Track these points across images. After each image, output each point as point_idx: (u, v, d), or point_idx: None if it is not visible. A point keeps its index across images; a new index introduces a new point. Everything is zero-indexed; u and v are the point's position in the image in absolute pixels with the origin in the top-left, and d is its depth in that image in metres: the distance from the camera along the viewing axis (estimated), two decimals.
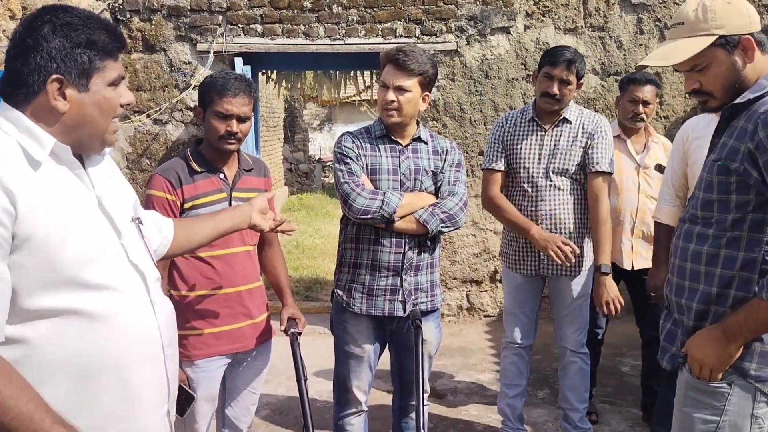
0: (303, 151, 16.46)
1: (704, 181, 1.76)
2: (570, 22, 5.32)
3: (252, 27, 5.30)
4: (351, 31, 5.28)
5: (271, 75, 7.34)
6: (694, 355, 1.74)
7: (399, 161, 2.55)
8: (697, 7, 1.68)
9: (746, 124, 1.67)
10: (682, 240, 1.81)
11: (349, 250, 2.59)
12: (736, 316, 1.67)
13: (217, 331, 2.35)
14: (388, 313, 2.55)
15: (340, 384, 2.68)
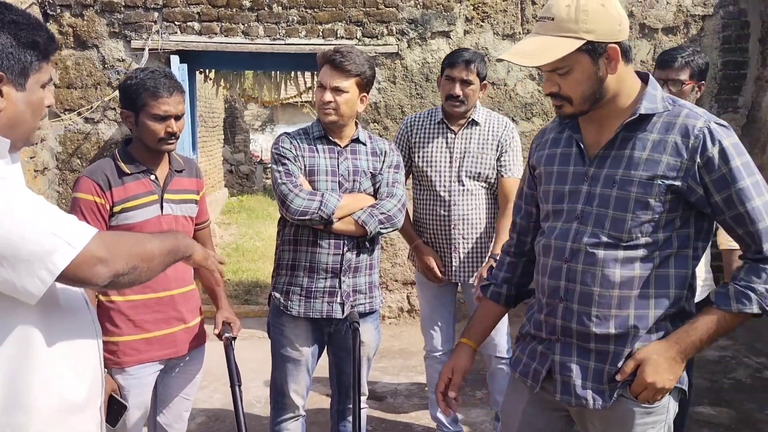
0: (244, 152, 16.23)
1: (625, 200, 1.61)
2: (508, 28, 5.40)
3: (189, 25, 5.18)
4: (291, 31, 5.23)
5: (209, 74, 7.20)
6: (655, 383, 1.60)
7: (337, 162, 2.53)
8: (571, 3, 1.55)
9: (674, 137, 1.59)
10: (602, 266, 1.63)
11: (286, 252, 2.55)
12: (693, 334, 1.60)
13: (149, 336, 2.28)
14: (326, 315, 2.53)
15: (277, 389, 2.64)
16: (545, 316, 1.75)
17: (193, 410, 3.91)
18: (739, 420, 3.76)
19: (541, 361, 1.78)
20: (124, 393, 2.24)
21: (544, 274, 1.75)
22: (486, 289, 1.97)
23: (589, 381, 1.69)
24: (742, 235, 1.60)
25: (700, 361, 4.53)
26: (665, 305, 1.65)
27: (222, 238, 10.01)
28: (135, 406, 2.25)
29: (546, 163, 1.79)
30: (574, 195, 1.70)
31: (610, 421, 1.70)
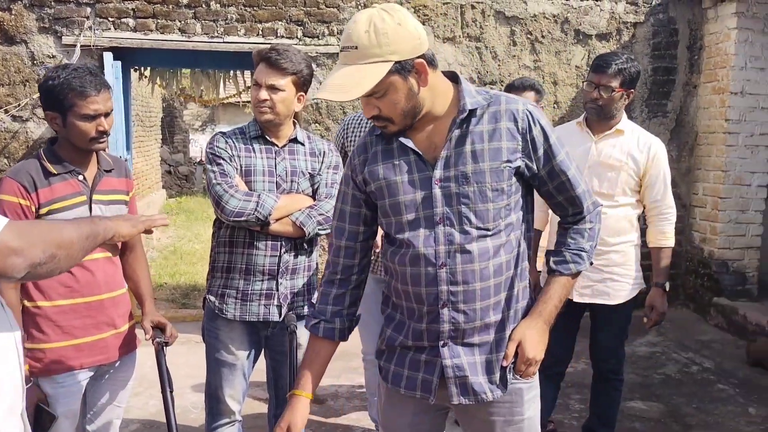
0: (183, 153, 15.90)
1: (483, 191, 1.68)
2: (449, 31, 5.46)
3: (123, 21, 5.05)
4: (230, 29, 5.15)
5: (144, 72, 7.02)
6: (535, 357, 1.71)
7: (275, 162, 2.50)
8: (369, 29, 1.57)
9: (505, 124, 1.68)
10: (479, 261, 1.69)
11: (222, 254, 2.50)
12: (549, 302, 1.76)
13: (79, 342, 2.19)
14: (263, 318, 2.49)
15: (211, 394, 2.58)
16: (428, 325, 1.73)
17: (127, 418, 3.81)
18: (668, 414, 3.89)
19: (428, 370, 1.75)
20: (51, 402, 2.15)
21: (418, 283, 1.72)
22: (317, 327, 1.84)
23: (481, 375, 1.73)
24: (562, 201, 1.79)
25: (632, 357, 4.68)
26: (523, 281, 1.79)
27: (159, 241, 9.78)
28: (64, 415, 2.17)
29: (385, 175, 1.75)
30: (429, 200, 1.70)
31: (501, 406, 1.76)
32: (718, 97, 5.56)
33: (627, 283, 2.95)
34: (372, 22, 1.57)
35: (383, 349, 1.86)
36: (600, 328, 3.06)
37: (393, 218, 1.76)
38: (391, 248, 1.79)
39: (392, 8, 1.60)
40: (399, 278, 1.77)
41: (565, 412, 3.88)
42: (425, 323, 1.74)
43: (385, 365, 1.85)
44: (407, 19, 1.61)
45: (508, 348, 1.73)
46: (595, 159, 2.93)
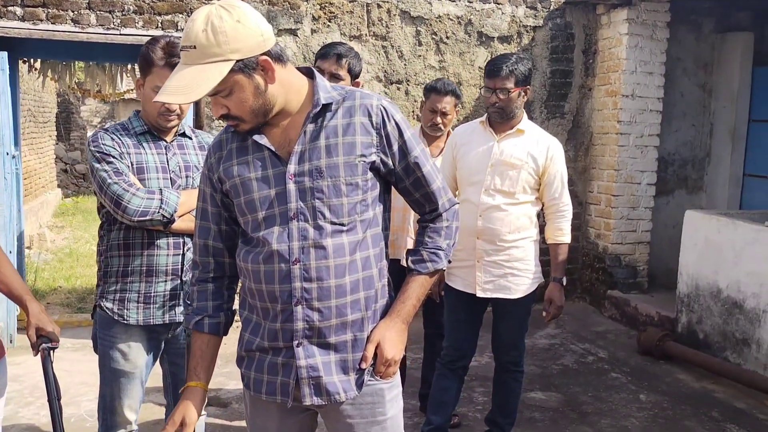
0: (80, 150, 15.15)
1: (337, 186, 1.68)
2: (355, 29, 5.46)
3: (10, 9, 4.74)
4: (127, 20, 4.94)
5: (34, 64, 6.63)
6: (394, 357, 1.73)
7: (166, 158, 2.41)
8: (206, 27, 1.53)
9: (359, 119, 1.69)
10: (333, 257, 1.68)
11: (116, 257, 2.37)
12: (408, 302, 1.76)
13: None
14: (168, 320, 2.40)
15: (106, 406, 2.44)
16: (282, 324, 1.71)
17: (16, 428, 3.60)
18: (566, 403, 4.06)
19: (285, 373, 1.73)
20: None
21: (271, 281, 1.70)
22: (201, 324, 1.81)
23: (335, 375, 1.73)
24: (419, 198, 1.81)
25: (532, 349, 4.85)
26: (382, 279, 1.79)
27: (54, 243, 9.26)
28: None
29: (239, 173, 1.73)
30: (282, 196, 1.69)
31: (363, 407, 1.77)
32: (611, 100, 5.85)
33: (527, 278, 3.04)
34: (209, 20, 1.53)
35: (243, 355, 1.82)
36: (501, 321, 3.14)
37: (249, 216, 1.73)
38: (246, 248, 1.76)
39: (232, 5, 1.56)
40: (253, 277, 1.74)
41: (469, 405, 3.96)
42: (279, 322, 1.71)
43: (245, 372, 1.81)
44: (248, 15, 1.57)
45: (366, 350, 1.73)
46: (497, 158, 3.01)
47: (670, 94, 6.05)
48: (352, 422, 1.76)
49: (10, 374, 4.24)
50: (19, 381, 4.24)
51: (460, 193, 3.16)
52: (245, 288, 1.80)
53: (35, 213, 9.72)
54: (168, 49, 2.27)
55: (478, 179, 3.03)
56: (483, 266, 3.02)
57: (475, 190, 3.04)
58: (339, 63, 2.97)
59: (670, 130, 6.17)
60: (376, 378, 1.76)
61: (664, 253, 5.97)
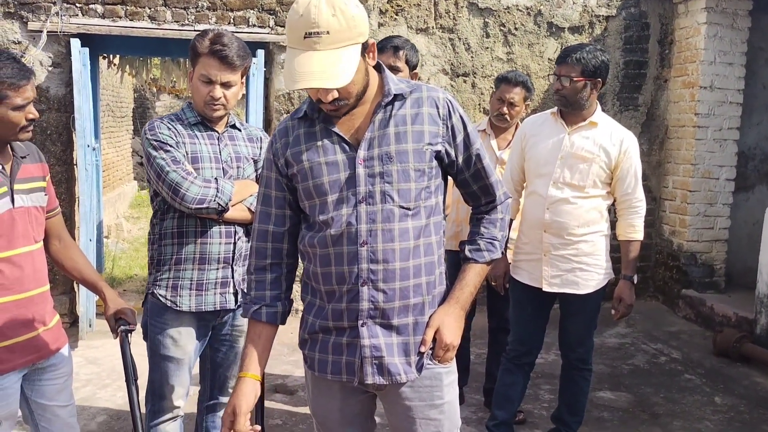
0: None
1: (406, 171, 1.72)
2: (422, 22, 5.44)
3: (91, 7, 4.93)
4: (201, 17, 5.07)
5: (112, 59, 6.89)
6: (452, 342, 1.77)
7: (219, 149, 2.46)
8: (336, 13, 1.58)
9: (426, 109, 1.74)
10: (399, 240, 1.73)
11: (169, 246, 2.44)
12: (466, 289, 1.81)
13: (10, 344, 2.08)
14: (219, 306, 2.46)
15: (155, 391, 2.51)
16: (347, 304, 1.75)
17: (95, 409, 3.76)
18: (636, 403, 3.94)
19: (350, 352, 1.77)
20: None
21: (340, 262, 1.74)
22: (258, 313, 1.84)
23: (397, 356, 1.76)
24: (476, 190, 1.87)
25: (601, 348, 4.73)
26: (440, 266, 1.84)
27: (130, 233, 9.64)
28: (4, 417, 2.08)
29: (308, 158, 1.76)
30: (352, 180, 1.73)
31: (422, 390, 1.80)
32: (687, 91, 5.62)
33: (596, 273, 2.97)
34: (335, 6, 1.59)
35: (306, 337, 1.86)
36: (569, 317, 3.07)
37: (317, 199, 1.76)
38: (310, 232, 1.80)
39: None
40: (320, 261, 1.78)
41: (534, 402, 3.90)
42: (345, 302, 1.75)
43: (309, 354, 1.86)
44: (356, 2, 1.65)
45: (426, 334, 1.77)
46: (567, 150, 2.94)
47: (752, 85, 5.77)
48: (411, 404, 1.79)
49: (90, 357, 4.46)
50: (98, 364, 4.43)
51: (527, 186, 3.11)
52: (308, 272, 1.84)
53: (113, 204, 10.14)
54: (214, 39, 2.32)
55: (547, 171, 2.97)
56: (550, 260, 2.96)
57: (543, 182, 2.98)
58: (396, 55, 3.00)
59: (750, 123, 5.89)
60: (434, 362, 1.80)
61: (743, 252, 5.71)
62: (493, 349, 3.72)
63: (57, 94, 4.99)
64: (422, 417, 1.80)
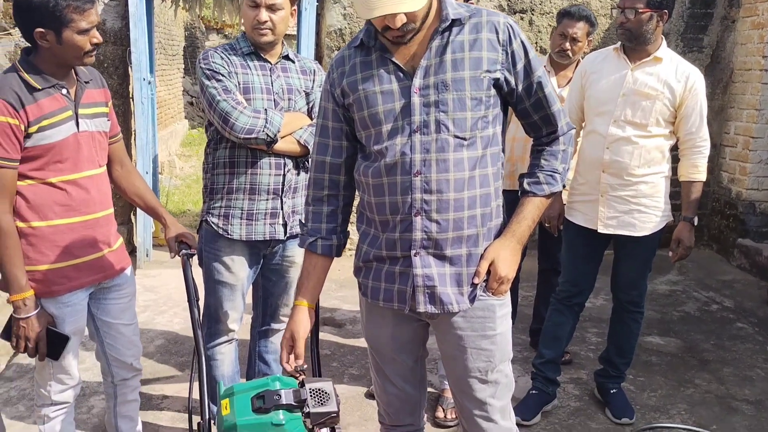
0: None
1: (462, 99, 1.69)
2: None
3: None
4: None
5: None
6: (507, 275, 1.75)
7: (271, 80, 2.46)
8: None
9: (486, 35, 1.69)
10: (454, 171, 1.70)
11: (221, 175, 2.48)
12: (523, 222, 1.78)
13: (78, 263, 2.17)
14: (269, 236, 2.51)
15: (211, 315, 2.61)
16: (400, 234, 1.75)
17: (153, 332, 3.92)
18: (685, 349, 3.91)
19: (402, 281, 1.78)
20: (59, 323, 2.15)
21: (393, 193, 1.74)
22: (314, 245, 1.87)
23: (449, 287, 1.76)
24: (537, 120, 1.80)
25: (652, 295, 4.67)
26: (497, 199, 1.80)
27: (182, 170, 9.83)
28: (72, 333, 2.18)
29: (364, 86, 1.74)
30: (407, 109, 1.71)
31: (474, 320, 1.80)
32: (756, 33, 5.34)
33: (654, 215, 2.90)
34: None
35: (360, 266, 1.89)
36: (623, 259, 3.03)
37: (372, 129, 1.76)
38: (365, 162, 1.80)
39: None
40: (373, 191, 1.78)
41: (581, 344, 3.91)
42: (398, 232, 1.76)
43: (363, 281, 1.89)
44: None
45: (480, 266, 1.75)
46: (630, 87, 2.84)
47: None
48: (462, 334, 1.81)
49: (147, 285, 4.63)
50: (155, 292, 4.60)
51: (586, 125, 3.03)
52: (363, 202, 1.85)
53: (165, 142, 10.31)
54: None
55: (608, 109, 2.89)
56: (607, 201, 2.91)
57: (603, 120, 2.90)
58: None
59: None
60: (487, 294, 1.79)
61: None
62: (543, 290, 3.72)
63: (113, 27, 5.04)
64: (473, 347, 1.81)
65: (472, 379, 1.83)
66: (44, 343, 2.10)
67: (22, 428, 2.90)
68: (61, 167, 2.10)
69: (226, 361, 2.66)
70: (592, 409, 3.19)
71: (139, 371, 2.50)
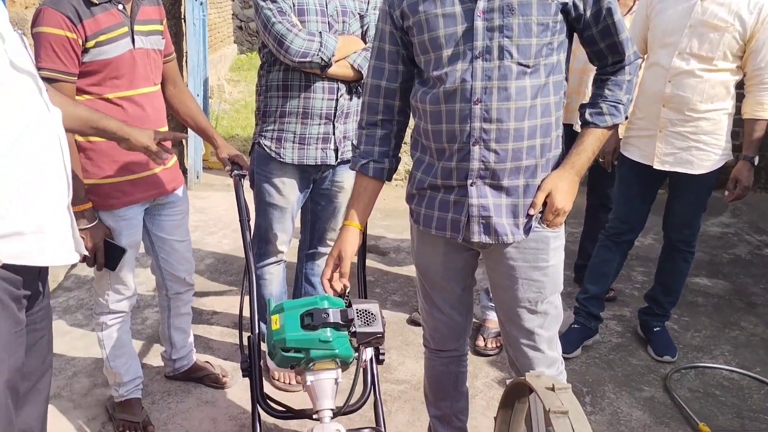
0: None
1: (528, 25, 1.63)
2: None
3: None
4: None
5: None
6: (563, 207, 1.73)
7: (325, 2, 2.42)
8: None
9: None
10: (515, 99, 1.65)
11: (275, 98, 2.48)
12: (583, 154, 1.74)
13: (134, 178, 2.23)
14: (320, 161, 2.52)
15: (261, 236, 2.65)
16: (457, 163, 1.73)
17: (203, 252, 4.04)
18: (734, 292, 3.85)
19: (456, 210, 1.77)
20: (116, 236, 2.23)
21: (451, 121, 1.71)
22: (366, 167, 1.87)
23: (505, 217, 1.74)
24: (603, 48, 1.74)
25: (702, 236, 4.56)
26: (558, 129, 1.76)
27: (231, 95, 9.87)
28: (128, 246, 2.26)
29: (425, 9, 1.69)
30: (469, 33, 1.65)
31: (527, 251, 1.79)
32: None
33: (714, 153, 2.81)
34: None
35: (414, 193, 1.88)
36: (678, 197, 2.96)
37: (432, 54, 1.71)
38: (423, 88, 1.76)
39: None
40: (431, 118, 1.75)
41: (626, 282, 3.88)
42: (455, 161, 1.74)
43: (416, 208, 1.88)
44: None
45: (536, 197, 1.73)
46: (698, 18, 2.70)
47: None
48: (515, 264, 1.80)
49: (197, 207, 4.74)
50: (204, 213, 4.71)
51: (648, 56, 2.91)
52: (419, 129, 1.82)
53: (214, 66, 10.31)
54: None
55: (672, 41, 2.76)
56: (665, 137, 2.82)
57: (667, 52, 2.78)
58: None
59: None
60: (543, 225, 1.77)
61: None
62: (591, 225, 3.67)
63: None
64: (525, 278, 1.81)
65: (521, 309, 1.84)
66: (102, 253, 2.18)
67: (82, 335, 3.06)
68: (118, 83, 2.13)
69: (275, 281, 2.73)
70: (634, 346, 3.20)
71: (192, 286, 2.60)
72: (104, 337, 2.39)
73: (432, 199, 1.82)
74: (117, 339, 2.39)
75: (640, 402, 2.76)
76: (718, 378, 2.96)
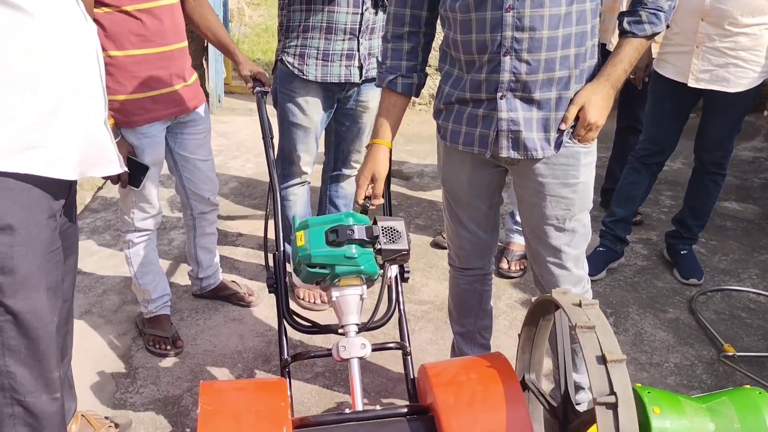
0: None
1: None
2: None
3: None
4: None
5: None
6: (597, 122, 1.67)
7: None
8: None
9: None
10: (549, 5, 1.57)
11: (297, 12, 2.40)
12: (619, 66, 1.67)
13: (155, 94, 2.21)
14: (344, 79, 2.46)
15: (285, 156, 2.62)
16: (487, 75, 1.67)
17: (227, 176, 4.05)
18: (763, 216, 3.78)
19: (485, 124, 1.72)
20: (138, 153, 2.23)
21: (481, 30, 1.63)
22: (394, 83, 1.82)
23: (535, 132, 1.69)
24: None
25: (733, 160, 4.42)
26: (593, 38, 1.69)
27: (251, 18, 9.66)
28: (151, 163, 2.26)
29: None
30: None
31: (556, 168, 1.74)
32: None
33: (752, 71, 2.69)
34: None
35: (441, 108, 1.83)
36: (712, 117, 2.86)
37: None
38: None
39: None
40: (460, 27, 1.68)
41: (654, 206, 3.83)
42: (485, 73, 1.68)
43: (443, 124, 1.83)
44: None
45: (569, 111, 1.68)
46: None
47: None
48: (544, 181, 1.76)
49: (220, 131, 4.71)
50: (227, 137, 4.69)
51: None
52: (448, 40, 1.76)
53: None
54: None
55: None
56: (702, 53, 2.70)
57: None
58: None
59: None
60: (574, 141, 1.72)
61: None
62: (619, 148, 3.59)
63: None
64: (554, 194, 1.77)
65: (548, 227, 1.81)
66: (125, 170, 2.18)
67: (110, 254, 3.11)
68: None
69: (299, 202, 2.72)
70: (660, 269, 3.17)
71: (216, 206, 2.60)
72: (131, 255, 2.42)
73: (460, 113, 1.77)
74: (144, 257, 2.42)
75: (664, 323, 2.76)
76: (745, 301, 2.94)
